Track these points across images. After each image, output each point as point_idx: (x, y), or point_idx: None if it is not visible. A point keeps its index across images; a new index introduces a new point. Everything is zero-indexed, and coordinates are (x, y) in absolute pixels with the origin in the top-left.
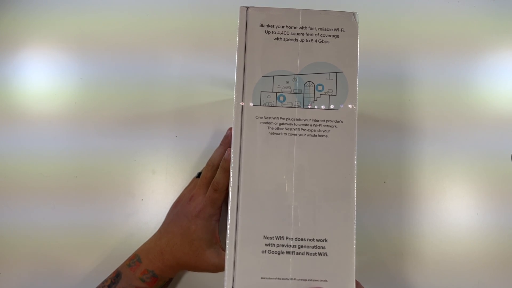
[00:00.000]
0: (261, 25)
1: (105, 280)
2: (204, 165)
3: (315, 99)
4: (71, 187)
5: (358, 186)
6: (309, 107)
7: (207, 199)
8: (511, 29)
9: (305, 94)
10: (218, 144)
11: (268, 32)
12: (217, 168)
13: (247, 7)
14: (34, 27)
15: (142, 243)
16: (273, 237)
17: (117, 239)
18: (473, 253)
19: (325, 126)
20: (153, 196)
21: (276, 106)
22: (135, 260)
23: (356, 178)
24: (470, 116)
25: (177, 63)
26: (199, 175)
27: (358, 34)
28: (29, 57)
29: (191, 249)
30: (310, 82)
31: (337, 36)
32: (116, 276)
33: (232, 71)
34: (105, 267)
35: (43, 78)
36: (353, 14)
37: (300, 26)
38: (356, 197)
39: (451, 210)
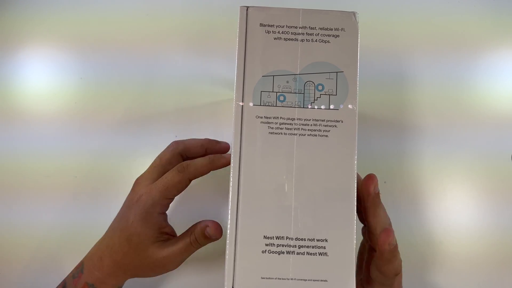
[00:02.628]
0: (261, 24)
1: None
2: None
3: (315, 99)
4: (71, 187)
5: None
6: (309, 107)
7: (159, 183)
8: (511, 29)
9: (305, 94)
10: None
11: (268, 32)
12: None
13: (247, 7)
14: (34, 27)
15: None
16: (273, 237)
17: None
18: (473, 253)
19: (325, 126)
20: None
21: (276, 106)
22: (79, 269)
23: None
24: (471, 116)
25: (177, 63)
26: None
27: (358, 33)
28: (29, 57)
29: (130, 247)
30: (310, 82)
31: (337, 35)
32: None
33: (232, 71)
34: None
35: (43, 78)
36: (354, 13)
37: (300, 25)
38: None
39: (451, 210)
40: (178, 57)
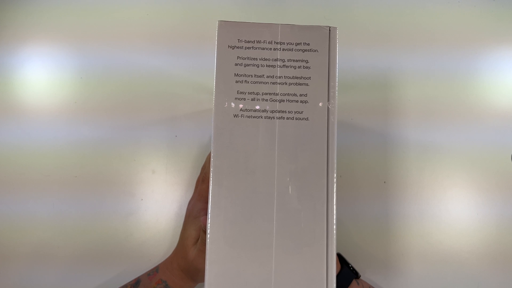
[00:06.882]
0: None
1: (125, 286)
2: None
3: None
4: (71, 186)
5: (358, 186)
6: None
7: (196, 194)
8: (510, 28)
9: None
10: None
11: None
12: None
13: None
14: (34, 26)
15: (142, 243)
16: None
17: (117, 238)
18: (473, 253)
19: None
20: (153, 196)
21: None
22: (154, 269)
23: (357, 178)
24: (470, 116)
25: (178, 62)
26: None
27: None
28: (29, 56)
29: (184, 250)
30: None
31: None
32: (136, 283)
33: None
34: (105, 266)
35: (43, 77)
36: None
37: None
38: (356, 197)
39: (451, 210)
40: (180, 56)
